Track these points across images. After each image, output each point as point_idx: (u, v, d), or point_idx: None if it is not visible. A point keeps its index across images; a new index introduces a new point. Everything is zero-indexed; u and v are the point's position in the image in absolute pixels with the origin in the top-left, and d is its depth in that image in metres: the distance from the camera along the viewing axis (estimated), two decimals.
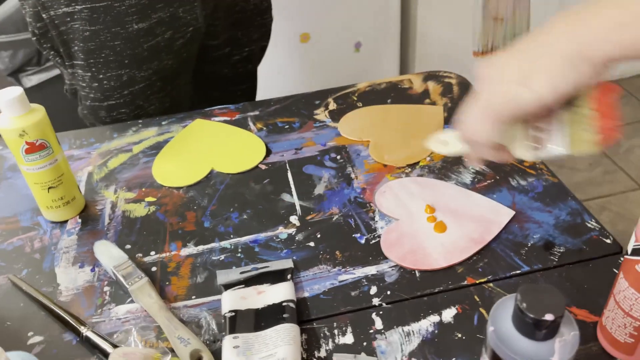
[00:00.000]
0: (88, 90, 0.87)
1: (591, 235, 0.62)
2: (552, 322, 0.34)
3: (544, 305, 0.34)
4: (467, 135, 0.48)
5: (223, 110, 0.88)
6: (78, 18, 0.79)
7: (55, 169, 0.66)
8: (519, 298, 0.35)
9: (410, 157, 0.76)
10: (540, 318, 0.34)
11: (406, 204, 0.68)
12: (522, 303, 0.35)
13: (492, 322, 0.37)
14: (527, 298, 0.35)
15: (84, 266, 0.63)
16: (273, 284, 0.58)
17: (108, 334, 0.55)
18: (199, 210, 0.70)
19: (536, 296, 0.35)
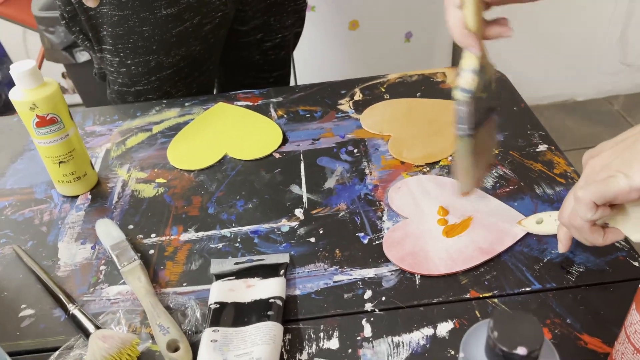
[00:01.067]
0: (116, 75, 0.87)
1: (617, 255, 0.56)
2: (526, 356, 0.30)
3: (518, 335, 0.30)
4: (563, 217, 0.49)
5: (247, 94, 0.87)
6: (107, 2, 0.79)
7: (66, 143, 0.66)
8: (491, 326, 0.31)
9: (429, 155, 0.71)
10: (512, 351, 0.30)
11: (419, 203, 0.64)
12: (494, 332, 0.31)
13: (463, 348, 0.34)
14: (500, 326, 0.31)
15: (85, 243, 0.64)
16: (264, 279, 0.56)
17: (96, 314, 0.55)
18: (206, 195, 0.69)
19: (511, 325, 0.31)
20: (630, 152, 0.43)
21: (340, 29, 1.73)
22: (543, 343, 0.30)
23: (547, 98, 2.01)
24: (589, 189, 0.44)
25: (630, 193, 0.42)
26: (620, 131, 0.47)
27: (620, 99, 2.02)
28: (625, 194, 0.42)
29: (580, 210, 0.45)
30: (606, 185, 0.43)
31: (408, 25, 1.75)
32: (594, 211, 0.44)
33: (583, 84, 2.00)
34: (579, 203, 0.45)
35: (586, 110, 2.00)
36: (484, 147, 0.58)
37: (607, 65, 1.95)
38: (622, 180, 0.42)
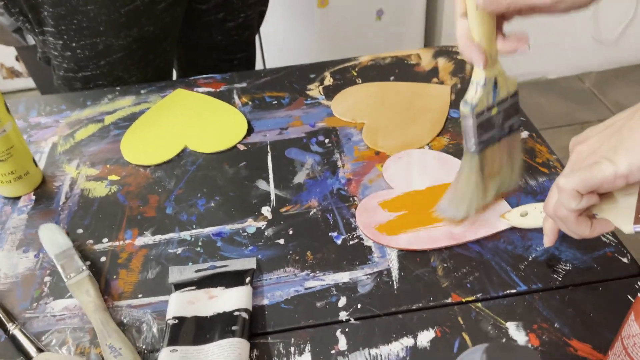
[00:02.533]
0: (61, 59, 0.80)
1: (605, 251, 0.53)
2: None
3: None
4: (548, 207, 0.45)
5: (208, 80, 0.80)
6: None
7: (3, 140, 0.59)
8: None
9: (406, 144, 0.67)
10: None
11: (412, 176, 0.61)
12: None
13: None
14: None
15: (28, 251, 0.57)
16: (228, 288, 0.51)
17: (39, 333, 0.49)
18: (164, 193, 0.63)
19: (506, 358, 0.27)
20: (616, 138, 0.40)
21: (309, 6, 1.66)
22: None
23: (520, 76, 1.98)
24: (572, 177, 0.41)
25: (616, 180, 0.39)
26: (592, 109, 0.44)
27: (592, 75, 2.01)
28: (610, 181, 0.39)
29: (563, 199, 0.42)
30: (590, 172, 0.40)
31: (379, 2, 1.69)
32: (579, 200, 0.41)
33: (555, 61, 1.98)
34: (562, 192, 0.41)
35: (558, 88, 1.99)
36: (499, 167, 0.54)
37: (580, 42, 1.93)
38: (607, 167, 0.39)
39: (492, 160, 0.53)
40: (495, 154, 0.53)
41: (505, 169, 0.55)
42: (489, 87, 0.49)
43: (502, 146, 0.53)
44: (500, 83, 0.49)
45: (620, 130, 0.40)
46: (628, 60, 2.02)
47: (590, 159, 0.41)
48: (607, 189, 0.40)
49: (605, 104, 1.89)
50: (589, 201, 0.41)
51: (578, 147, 0.43)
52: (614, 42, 1.95)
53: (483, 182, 0.53)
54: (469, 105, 0.49)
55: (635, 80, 1.99)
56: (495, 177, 0.54)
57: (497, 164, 0.54)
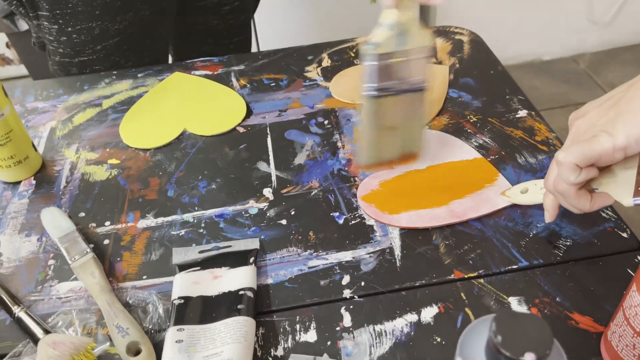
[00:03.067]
0: (56, 44, 0.79)
1: (605, 227, 0.54)
2: None
3: (524, 339, 0.27)
4: (548, 182, 0.45)
5: (205, 62, 0.80)
6: None
7: (2, 124, 0.59)
8: (493, 329, 0.27)
9: None
10: (518, 357, 0.26)
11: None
12: (497, 336, 0.27)
13: (461, 351, 0.30)
14: (504, 330, 0.27)
15: (30, 235, 0.57)
16: (232, 268, 0.51)
17: (45, 315, 0.49)
18: (164, 176, 0.63)
19: (515, 327, 0.27)
20: (614, 111, 0.40)
21: None
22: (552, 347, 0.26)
23: (514, 58, 1.98)
24: (571, 150, 0.41)
25: (615, 153, 0.39)
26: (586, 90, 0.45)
27: (587, 57, 2.01)
28: (609, 154, 0.40)
29: (563, 173, 0.42)
30: (589, 145, 0.40)
31: None
32: (577, 173, 0.41)
33: (549, 43, 1.98)
34: (561, 166, 0.42)
35: (553, 70, 1.99)
36: (397, 122, 0.53)
37: (574, 23, 1.93)
38: (605, 139, 0.39)
39: (389, 112, 0.52)
40: (394, 106, 0.52)
41: (405, 127, 0.54)
42: (396, 32, 0.47)
43: (402, 101, 0.52)
44: (411, 32, 0.48)
45: (617, 104, 0.41)
46: (622, 41, 2.02)
47: (589, 133, 0.41)
48: (606, 161, 0.41)
49: (599, 84, 1.90)
50: (588, 174, 0.42)
51: (577, 122, 0.44)
52: (608, 23, 1.95)
53: (378, 130, 0.53)
54: (371, 44, 0.48)
55: (629, 60, 1.99)
56: (393, 131, 0.54)
57: (395, 117, 0.53)
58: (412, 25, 0.48)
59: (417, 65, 0.50)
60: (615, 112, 0.40)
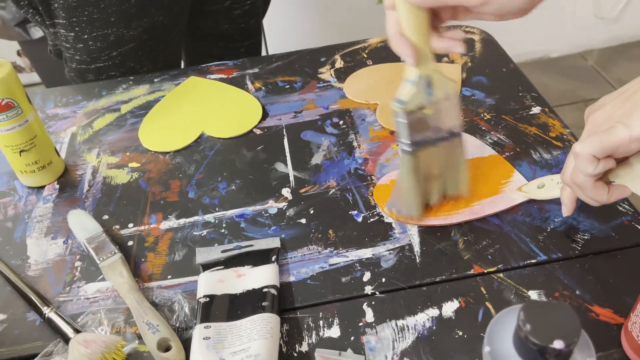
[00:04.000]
0: (73, 51, 0.80)
1: (622, 220, 0.54)
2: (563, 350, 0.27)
3: (553, 327, 0.27)
4: (565, 176, 0.46)
5: (220, 66, 0.81)
6: None
7: (26, 130, 0.60)
8: (522, 318, 0.28)
9: None
10: (547, 345, 0.27)
11: None
12: (526, 325, 0.28)
13: (489, 341, 0.31)
14: (533, 318, 0.28)
15: (56, 237, 0.59)
16: (255, 266, 0.52)
17: (74, 315, 0.51)
18: (185, 178, 0.64)
19: (544, 316, 0.28)
20: (630, 103, 0.41)
21: None
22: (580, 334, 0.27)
23: (523, 55, 1.98)
24: (588, 142, 0.42)
25: (631, 143, 0.40)
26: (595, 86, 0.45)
27: (595, 53, 2.01)
28: (625, 144, 0.40)
29: (580, 164, 0.43)
30: (606, 136, 0.41)
31: None
32: (595, 164, 0.42)
33: (558, 40, 1.98)
34: (579, 157, 0.42)
35: (561, 66, 1.99)
36: (437, 170, 0.54)
37: (581, 20, 1.93)
38: (622, 130, 0.40)
39: (429, 163, 0.52)
40: (433, 156, 0.52)
41: (447, 173, 0.54)
42: (422, 86, 0.48)
43: (441, 149, 0.52)
44: (435, 82, 0.49)
45: (633, 96, 0.41)
46: (630, 36, 2.02)
47: (606, 125, 0.42)
48: (623, 152, 0.41)
49: (608, 80, 1.89)
50: (606, 165, 0.42)
51: (593, 115, 0.44)
52: (615, 19, 1.95)
53: (420, 183, 0.53)
54: (400, 102, 0.48)
55: (637, 56, 1.99)
56: (436, 180, 0.54)
57: (436, 167, 0.53)
58: (435, 76, 0.48)
59: (448, 111, 0.51)
60: (631, 104, 0.41)
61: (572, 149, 0.43)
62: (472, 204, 0.56)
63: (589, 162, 0.42)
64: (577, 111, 1.79)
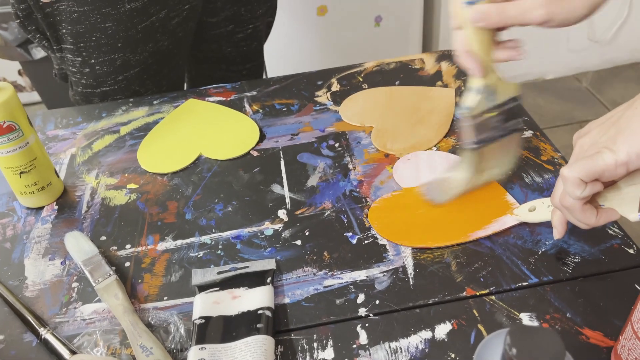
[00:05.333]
0: (79, 76, 0.82)
1: (612, 243, 0.55)
2: None
3: (539, 352, 0.28)
4: (555, 199, 0.47)
5: (218, 89, 0.83)
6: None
7: (27, 152, 0.61)
8: (508, 342, 0.29)
9: (415, 145, 0.69)
10: None
11: (421, 176, 0.64)
12: (512, 349, 0.28)
13: None
14: (519, 343, 0.28)
15: (54, 258, 0.59)
16: (250, 288, 0.53)
17: (70, 337, 0.51)
18: (182, 200, 0.65)
19: (530, 341, 0.29)
20: (615, 128, 0.42)
21: (309, 15, 1.69)
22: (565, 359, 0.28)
23: (518, 77, 2.01)
24: (575, 166, 0.43)
25: (617, 168, 0.41)
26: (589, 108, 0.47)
27: (589, 75, 2.04)
28: (611, 169, 0.42)
29: (568, 188, 0.44)
30: (592, 161, 0.42)
31: (377, 8, 1.72)
32: (582, 188, 0.43)
33: (552, 62, 2.01)
34: (567, 181, 0.44)
35: (556, 88, 2.01)
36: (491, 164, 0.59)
37: (576, 43, 1.96)
38: (608, 155, 0.41)
39: (489, 157, 0.57)
40: (493, 151, 0.57)
41: (499, 163, 0.59)
42: (486, 94, 0.52)
43: (500, 144, 0.57)
44: (498, 89, 0.53)
45: (618, 121, 0.43)
46: (623, 59, 2.05)
47: (592, 150, 0.43)
48: (610, 177, 0.43)
49: (602, 102, 1.92)
50: (593, 189, 0.43)
51: (580, 140, 0.46)
52: (609, 41, 1.98)
53: (476, 175, 0.57)
54: (465, 109, 0.53)
55: (630, 78, 2.01)
56: (489, 171, 0.59)
57: (493, 160, 0.58)
58: (498, 83, 0.53)
59: (510, 112, 0.55)
60: (616, 130, 0.42)
61: (560, 173, 0.44)
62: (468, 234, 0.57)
63: (576, 186, 0.43)
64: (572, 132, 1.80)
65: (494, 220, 0.58)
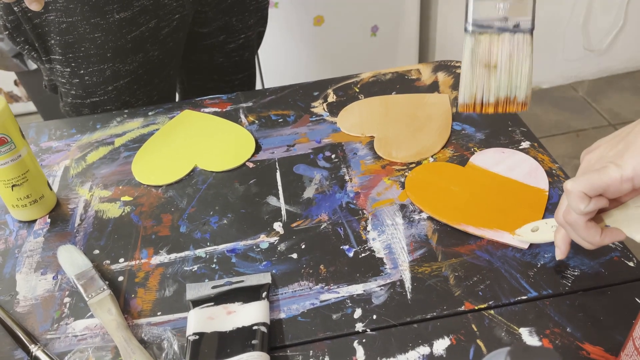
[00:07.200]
0: (69, 86, 0.81)
1: (612, 256, 0.54)
2: None
3: None
4: (558, 215, 0.47)
5: (214, 100, 0.82)
6: (53, 9, 0.73)
7: (19, 165, 0.60)
8: None
9: (420, 152, 0.69)
10: None
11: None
12: None
13: None
14: None
15: (46, 273, 0.58)
16: (245, 303, 0.52)
17: (61, 354, 0.50)
18: (177, 212, 0.64)
19: None
20: (623, 144, 0.42)
21: (305, 25, 1.69)
22: None
23: None
24: (580, 180, 0.42)
25: (623, 184, 0.41)
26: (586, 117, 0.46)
27: (585, 84, 2.05)
28: (617, 184, 0.41)
29: (572, 202, 0.43)
30: (597, 175, 0.41)
31: (373, 18, 1.72)
32: (586, 202, 0.42)
33: (548, 71, 2.01)
34: (570, 195, 0.43)
35: (552, 97, 2.02)
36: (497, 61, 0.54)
37: (571, 52, 1.97)
38: (613, 170, 0.41)
39: (489, 50, 0.53)
40: (493, 44, 0.53)
41: (505, 68, 0.54)
42: None
43: (503, 40, 0.53)
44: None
45: (627, 137, 0.42)
46: (619, 68, 2.05)
47: (598, 164, 0.43)
48: (615, 192, 0.42)
49: (598, 111, 1.92)
50: (597, 204, 0.43)
51: (587, 156, 0.45)
52: (605, 51, 1.99)
53: (479, 67, 0.53)
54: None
55: (626, 87, 2.02)
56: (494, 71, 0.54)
57: (494, 57, 0.54)
58: None
59: (523, 5, 0.52)
60: (623, 146, 0.42)
61: (564, 187, 0.44)
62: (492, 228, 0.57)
63: (580, 200, 0.42)
64: (568, 141, 1.81)
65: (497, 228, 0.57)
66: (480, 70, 0.54)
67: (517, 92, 0.54)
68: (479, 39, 0.53)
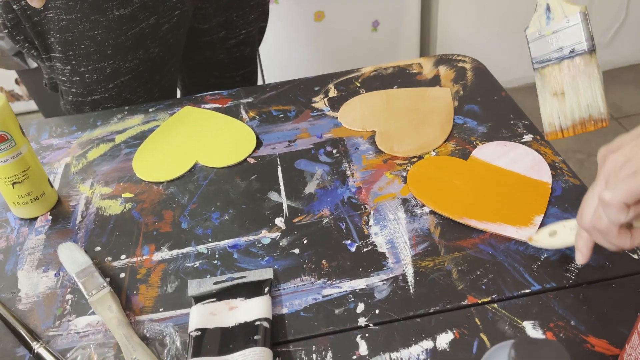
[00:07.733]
0: (69, 84, 0.81)
1: None
2: None
3: None
4: (585, 221, 0.44)
5: (215, 96, 0.82)
6: (52, 7, 0.72)
7: (20, 162, 0.60)
8: (512, 356, 0.27)
9: (423, 146, 0.68)
10: None
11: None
12: None
13: None
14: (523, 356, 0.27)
15: (48, 270, 0.58)
16: (248, 299, 0.52)
17: (64, 351, 0.50)
18: (178, 208, 0.64)
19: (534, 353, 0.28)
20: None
21: (306, 20, 1.69)
22: None
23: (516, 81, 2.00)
24: (618, 189, 0.40)
25: None
26: None
27: None
28: None
29: (610, 213, 0.41)
30: (636, 182, 0.39)
31: (374, 13, 1.72)
32: (627, 213, 0.40)
33: None
34: (609, 206, 0.40)
35: None
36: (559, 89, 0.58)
37: None
38: None
39: (554, 79, 0.58)
40: (555, 74, 0.57)
41: (571, 92, 0.56)
42: (541, 12, 0.57)
43: (562, 68, 0.57)
44: (554, 8, 0.56)
45: None
46: (621, 62, 2.04)
47: (628, 168, 0.41)
48: None
49: None
50: (636, 211, 0.41)
51: (612, 156, 0.43)
52: (607, 44, 1.98)
53: (550, 97, 0.59)
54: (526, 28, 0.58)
55: (629, 81, 2.01)
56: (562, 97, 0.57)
57: (559, 85, 0.57)
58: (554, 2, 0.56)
59: (573, 31, 0.55)
60: None
61: (601, 197, 0.41)
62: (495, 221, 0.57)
63: (620, 211, 0.40)
64: None
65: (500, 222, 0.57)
66: (551, 100, 0.58)
67: (591, 110, 0.56)
68: (542, 73, 0.59)
